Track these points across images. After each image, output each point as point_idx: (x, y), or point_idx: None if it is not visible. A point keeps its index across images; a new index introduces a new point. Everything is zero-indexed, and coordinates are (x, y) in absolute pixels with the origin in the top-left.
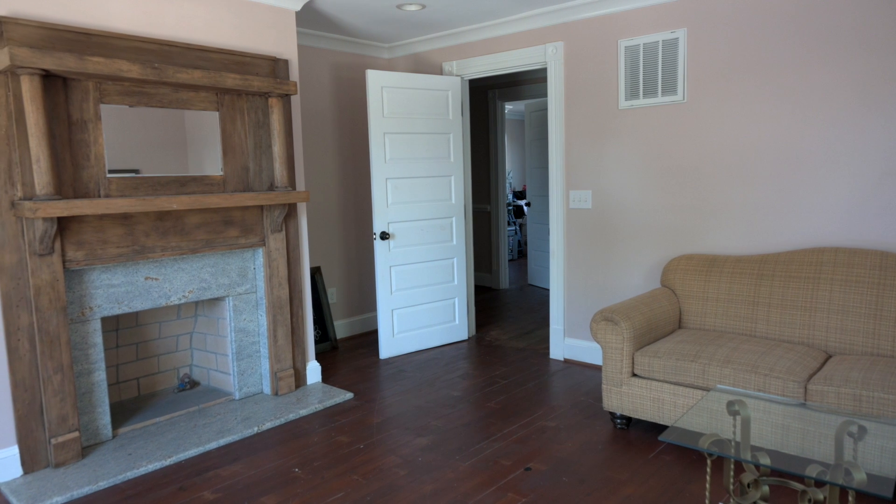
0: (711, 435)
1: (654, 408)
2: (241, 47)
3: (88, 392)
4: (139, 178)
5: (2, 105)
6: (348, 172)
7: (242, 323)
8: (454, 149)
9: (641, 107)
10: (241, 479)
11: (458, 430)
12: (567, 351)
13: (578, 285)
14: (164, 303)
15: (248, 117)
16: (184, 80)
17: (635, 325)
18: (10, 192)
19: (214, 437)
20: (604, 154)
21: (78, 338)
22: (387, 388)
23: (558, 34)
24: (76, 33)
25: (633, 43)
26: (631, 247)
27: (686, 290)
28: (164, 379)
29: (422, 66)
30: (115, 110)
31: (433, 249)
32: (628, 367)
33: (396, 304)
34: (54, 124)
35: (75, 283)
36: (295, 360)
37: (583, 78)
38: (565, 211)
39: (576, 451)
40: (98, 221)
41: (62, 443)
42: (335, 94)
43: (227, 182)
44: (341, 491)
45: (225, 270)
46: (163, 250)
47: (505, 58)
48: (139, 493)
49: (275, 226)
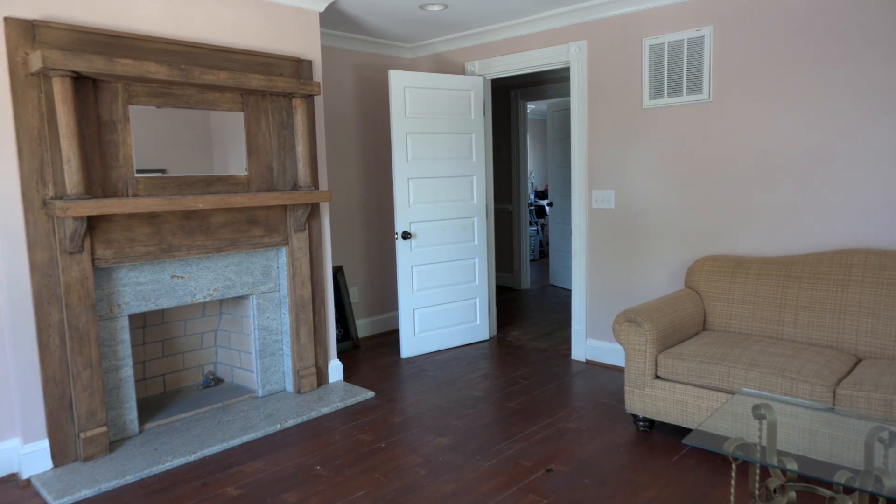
0: (737, 439)
1: (677, 410)
2: (266, 48)
3: (116, 388)
4: (166, 177)
5: (34, 106)
6: (370, 172)
7: (266, 321)
8: (476, 149)
9: (666, 106)
10: (264, 476)
11: (479, 430)
12: (589, 352)
13: (601, 286)
14: (190, 301)
15: (272, 118)
16: (210, 81)
17: (659, 327)
18: (42, 191)
19: (238, 433)
20: (627, 154)
21: (106, 334)
22: (408, 388)
23: (581, 33)
24: (106, 36)
25: (658, 41)
26: (654, 247)
27: (711, 291)
28: (189, 376)
29: (444, 66)
30: (143, 111)
31: (455, 249)
32: (651, 369)
33: (418, 304)
34: (84, 125)
35: (104, 281)
36: (317, 358)
37: (606, 77)
38: (588, 211)
39: (597, 452)
40: (126, 220)
41: (91, 437)
42: (358, 95)
43: (251, 182)
44: (362, 489)
45: (249, 269)
46: (188, 249)
47: (527, 57)
48: (164, 487)
49: (298, 225)
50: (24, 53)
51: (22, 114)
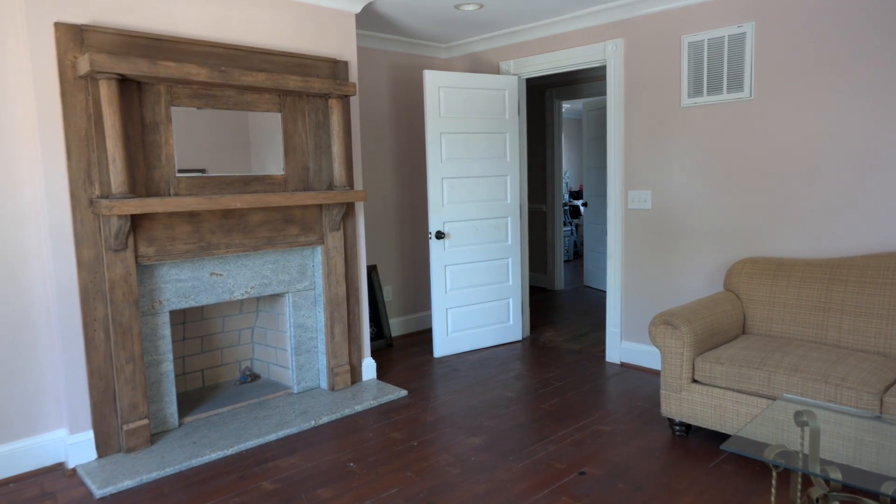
0: (777, 446)
1: (715, 415)
2: (303, 50)
3: (157, 382)
4: (206, 177)
5: (82, 108)
6: (404, 172)
7: (301, 319)
8: (510, 148)
9: (705, 104)
10: (299, 471)
11: (512, 430)
12: (624, 354)
13: (636, 287)
14: (228, 298)
15: (308, 118)
16: (248, 82)
17: (696, 330)
18: (89, 190)
19: (273, 429)
20: (665, 153)
21: (148, 329)
22: (440, 387)
23: (618, 31)
24: (149, 39)
25: (698, 38)
26: (692, 249)
27: (751, 294)
28: (226, 371)
29: (479, 66)
30: (184, 112)
31: (488, 249)
32: (688, 373)
33: (451, 304)
34: (129, 126)
35: (146, 278)
36: (351, 356)
37: (643, 75)
38: (624, 211)
39: (632, 456)
40: (168, 219)
41: (133, 429)
42: (392, 95)
43: (288, 181)
44: (395, 487)
45: (285, 267)
46: (227, 247)
47: (563, 56)
48: (203, 480)
49: (333, 224)
50: (73, 57)
51: (70, 115)
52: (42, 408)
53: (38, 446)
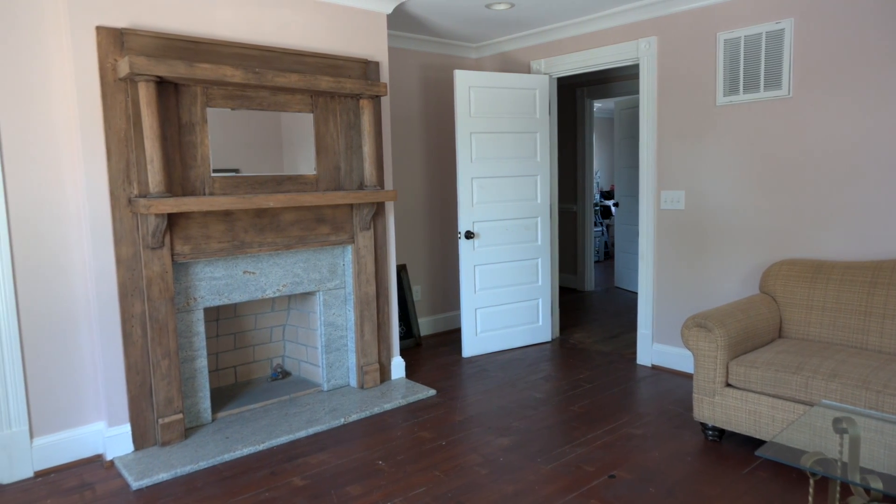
0: (815, 453)
1: (749, 421)
2: (335, 51)
3: (191, 377)
4: (239, 177)
5: (121, 109)
6: (434, 172)
7: (331, 317)
8: (541, 148)
9: (741, 103)
10: (328, 468)
11: (541, 432)
12: (655, 357)
13: (669, 289)
14: (260, 296)
15: (340, 118)
16: (281, 83)
17: (730, 333)
18: (128, 190)
19: (304, 425)
20: (699, 152)
21: (183, 326)
22: (469, 387)
23: (652, 29)
24: (186, 41)
25: (734, 35)
26: (727, 250)
27: (788, 297)
28: (258, 368)
29: (509, 65)
30: (219, 113)
31: (518, 249)
32: (722, 377)
33: (480, 304)
34: (166, 127)
35: (182, 275)
36: (380, 354)
37: (677, 73)
38: (656, 212)
39: (663, 460)
40: (203, 218)
41: (168, 423)
42: (423, 95)
43: (319, 181)
44: (423, 486)
45: (316, 266)
46: (260, 246)
47: (595, 55)
48: (234, 475)
49: (364, 224)
50: (114, 60)
51: (111, 116)
52: (82, 401)
53: (78, 438)
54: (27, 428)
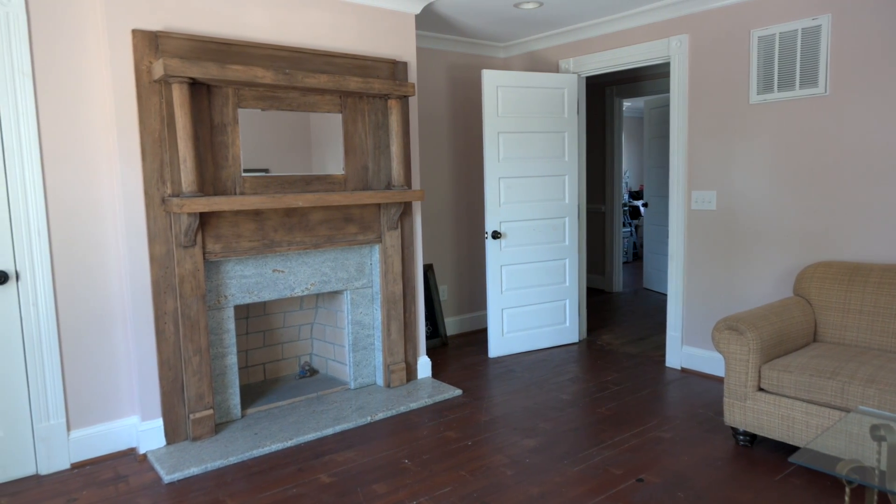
0: (851, 461)
1: (782, 426)
2: (363, 51)
3: (222, 374)
4: (269, 177)
5: (156, 111)
6: (461, 172)
7: (359, 316)
8: (569, 148)
9: (776, 101)
10: (354, 466)
11: (567, 434)
12: (685, 359)
13: (699, 291)
14: (289, 294)
15: (368, 118)
16: (311, 84)
17: (763, 336)
18: (161, 189)
19: (331, 423)
20: (731, 152)
21: (214, 323)
22: (495, 387)
23: (683, 26)
24: (218, 43)
25: (768, 32)
26: (759, 252)
27: (823, 300)
28: (286, 365)
29: (538, 64)
30: (249, 114)
31: (545, 250)
32: (754, 381)
33: (507, 304)
34: (199, 127)
35: (213, 273)
36: (407, 354)
37: (709, 72)
38: (686, 212)
39: (693, 465)
40: (233, 217)
41: (199, 419)
42: (450, 95)
43: (347, 181)
44: (448, 485)
45: (344, 265)
46: (289, 245)
47: (624, 53)
48: (263, 470)
49: (391, 223)
50: (149, 62)
51: (145, 118)
52: (117, 395)
53: (113, 431)
54: (64, 421)
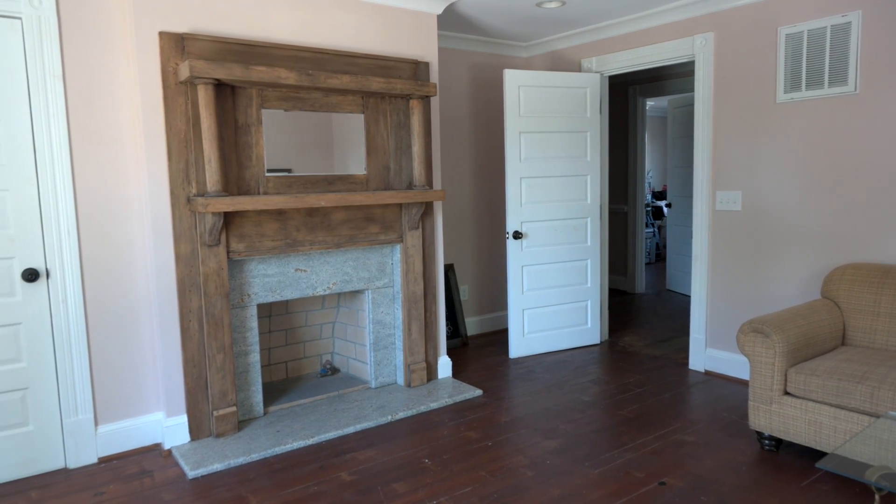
0: (881, 467)
1: (809, 431)
2: (386, 52)
3: (245, 371)
4: (292, 176)
5: (182, 112)
6: (482, 171)
7: (380, 315)
8: (591, 147)
9: (803, 99)
10: (375, 465)
11: (588, 435)
12: (708, 362)
13: (723, 292)
14: (311, 293)
15: (390, 119)
16: (334, 84)
17: (789, 339)
18: (187, 189)
19: (352, 422)
20: (757, 151)
21: (237, 321)
22: (516, 388)
23: (708, 24)
24: (243, 45)
25: (796, 30)
26: (786, 253)
27: (852, 302)
28: (308, 364)
29: (560, 64)
30: (273, 114)
31: (566, 250)
32: (780, 385)
33: (527, 304)
34: (223, 128)
35: (236, 272)
36: (427, 353)
37: (735, 70)
38: (711, 213)
39: (716, 469)
40: (257, 216)
41: (222, 415)
42: (472, 94)
43: (369, 181)
44: (468, 486)
45: (365, 265)
46: (311, 244)
47: (648, 52)
48: (285, 467)
49: (412, 223)
50: (175, 64)
51: (171, 118)
52: (142, 392)
53: (139, 427)
54: (92, 416)
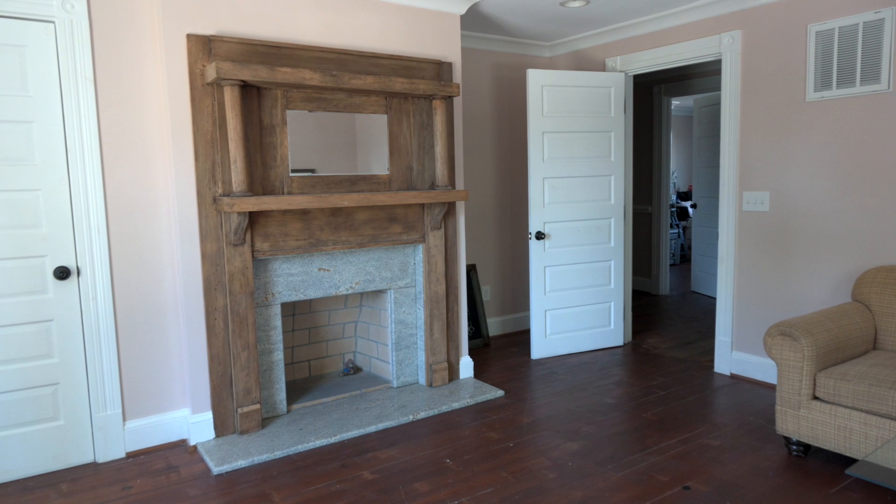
0: None
1: (839, 437)
2: (409, 52)
3: (268, 369)
4: (315, 177)
5: (208, 113)
6: (505, 172)
7: (402, 315)
8: (615, 147)
9: (834, 98)
10: (397, 464)
11: (611, 438)
12: (734, 365)
13: (750, 295)
14: (334, 292)
15: (412, 119)
16: (357, 85)
17: (818, 342)
18: (213, 189)
19: (374, 421)
20: (785, 151)
21: (261, 320)
22: (537, 389)
23: (735, 22)
24: (268, 46)
25: (827, 27)
26: (815, 255)
27: (884, 306)
28: (331, 363)
29: (584, 63)
30: (297, 115)
31: (590, 251)
32: (808, 389)
33: (550, 305)
34: (248, 129)
35: (261, 271)
36: (449, 353)
37: (763, 68)
38: (737, 213)
39: (742, 474)
40: (281, 216)
41: (246, 413)
42: (495, 94)
43: (392, 181)
44: (490, 486)
45: (388, 264)
46: (334, 244)
47: (674, 51)
48: (307, 465)
49: (434, 223)
50: (202, 66)
51: (198, 120)
52: (169, 388)
53: (165, 423)
54: (120, 411)
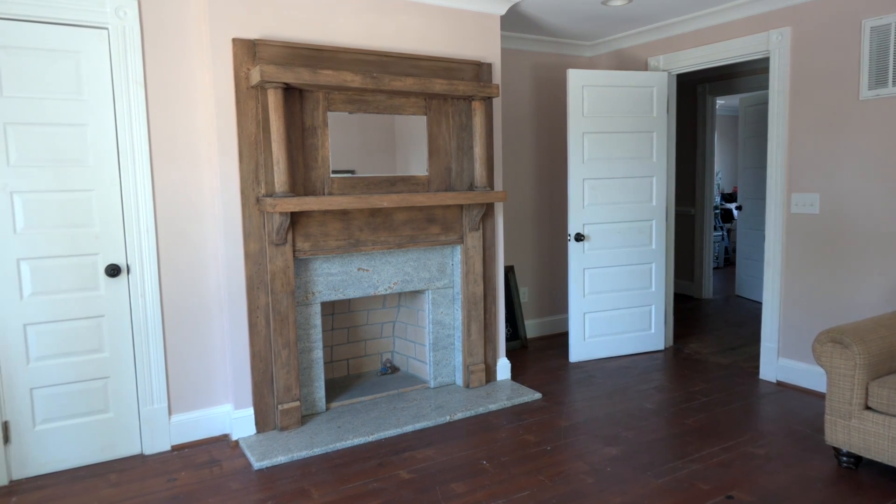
0: None
1: (892, 449)
2: (449, 54)
3: (308, 367)
4: (355, 178)
5: (252, 115)
6: (544, 173)
7: (439, 316)
8: (657, 148)
9: (890, 96)
10: (434, 464)
11: (651, 444)
12: (781, 372)
13: (798, 299)
14: (373, 292)
15: (452, 120)
16: (397, 87)
17: (871, 350)
18: (256, 189)
19: (411, 420)
20: (837, 152)
21: (302, 319)
22: (576, 392)
23: (784, 19)
24: (310, 49)
25: (882, 22)
26: (869, 259)
27: None
28: (369, 362)
29: (625, 63)
30: (338, 117)
31: (630, 253)
32: (860, 398)
33: (589, 308)
34: (291, 130)
35: (302, 271)
36: (486, 355)
37: (813, 66)
38: (785, 216)
39: (789, 485)
40: (322, 216)
41: (286, 409)
42: (534, 95)
43: (430, 182)
44: (527, 489)
45: (426, 265)
46: (373, 244)
47: (719, 49)
48: (345, 463)
49: (473, 224)
50: (247, 69)
51: (243, 122)
52: (213, 384)
53: (209, 418)
54: (166, 405)
